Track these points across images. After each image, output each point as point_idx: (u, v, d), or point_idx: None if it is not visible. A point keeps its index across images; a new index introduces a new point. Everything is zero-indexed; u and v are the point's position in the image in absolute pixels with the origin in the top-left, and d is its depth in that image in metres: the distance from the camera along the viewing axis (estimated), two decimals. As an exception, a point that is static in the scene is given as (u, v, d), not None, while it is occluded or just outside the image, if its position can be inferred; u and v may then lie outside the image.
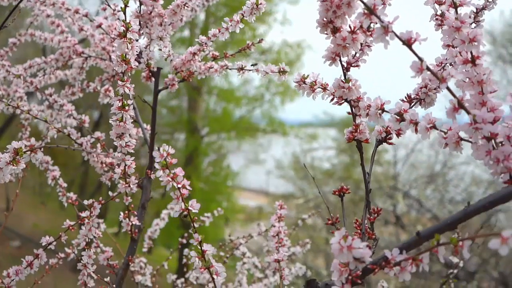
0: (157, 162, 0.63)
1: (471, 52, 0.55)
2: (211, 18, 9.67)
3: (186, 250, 1.22)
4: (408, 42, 0.52)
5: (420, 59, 0.52)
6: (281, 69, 0.88)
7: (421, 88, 0.71)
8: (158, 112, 1.02)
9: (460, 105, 0.53)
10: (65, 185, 1.14)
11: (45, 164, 1.16)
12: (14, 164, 0.69)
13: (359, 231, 0.66)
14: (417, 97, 0.71)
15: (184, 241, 1.51)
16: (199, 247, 0.67)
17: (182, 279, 1.42)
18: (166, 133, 10.82)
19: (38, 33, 1.30)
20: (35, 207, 9.64)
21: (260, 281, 1.46)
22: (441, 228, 0.53)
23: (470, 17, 0.73)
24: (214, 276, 0.67)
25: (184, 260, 1.43)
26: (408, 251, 0.55)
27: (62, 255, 1.17)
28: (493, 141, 0.54)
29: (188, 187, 0.65)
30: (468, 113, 0.53)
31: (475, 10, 0.73)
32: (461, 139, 0.56)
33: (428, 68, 0.52)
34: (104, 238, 1.14)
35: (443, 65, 0.71)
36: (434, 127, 0.58)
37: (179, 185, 0.64)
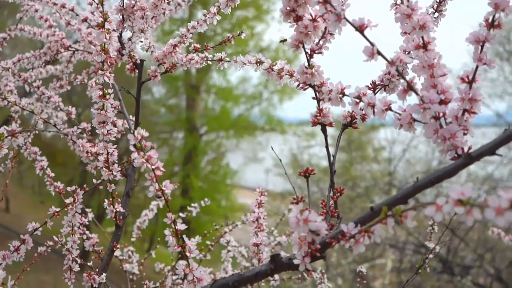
0: (132, 145, 0.66)
1: (422, 38, 0.59)
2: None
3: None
4: (360, 28, 0.56)
5: (372, 44, 0.56)
6: (258, 60, 0.92)
7: (385, 74, 0.74)
8: (157, 111, 1.05)
9: (409, 87, 0.57)
10: (52, 174, 1.17)
11: (33, 154, 1.19)
12: (-3, 149, 0.72)
13: (324, 210, 0.70)
14: (381, 83, 0.74)
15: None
16: (173, 226, 0.71)
17: (169, 267, 1.46)
18: (165, 132, 10.86)
19: (28, 28, 1.33)
20: (35, 206, 9.69)
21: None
22: (393, 202, 0.57)
23: (432, 7, 0.77)
24: (187, 253, 0.71)
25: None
26: (363, 225, 0.58)
27: (50, 243, 1.20)
28: (442, 120, 0.58)
29: (162, 169, 0.69)
30: (417, 94, 0.56)
31: (438, 0, 0.77)
32: (414, 120, 0.60)
33: (378, 52, 0.56)
34: (103, 237, 1.18)
35: (406, 52, 0.74)
36: (389, 109, 0.61)
37: (154, 167, 0.68)
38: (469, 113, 0.57)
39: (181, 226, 0.70)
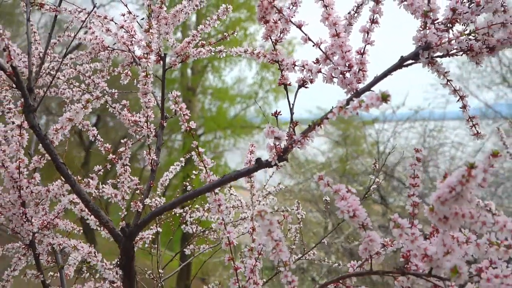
0: (170, 100, 1.12)
1: (335, 29, 1.05)
2: (202, 20, 10.18)
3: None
4: (299, 26, 1.02)
5: (305, 34, 1.02)
6: (246, 50, 1.38)
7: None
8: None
9: (326, 57, 1.03)
10: (102, 139, 1.63)
11: (86, 126, 1.65)
12: (85, 108, 1.18)
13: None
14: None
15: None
16: (197, 150, 1.16)
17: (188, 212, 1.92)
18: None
19: (73, 34, 1.79)
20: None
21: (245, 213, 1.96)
22: (320, 119, 1.02)
23: (353, 9, 1.22)
24: (206, 166, 1.16)
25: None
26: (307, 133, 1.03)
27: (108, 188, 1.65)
28: (347, 74, 1.04)
29: (188, 114, 1.14)
30: (331, 60, 1.02)
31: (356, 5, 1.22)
32: (333, 76, 1.05)
33: (309, 38, 1.01)
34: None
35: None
36: (320, 71, 1.07)
37: (184, 113, 1.13)
38: (362, 71, 1.03)
39: (201, 149, 1.16)
